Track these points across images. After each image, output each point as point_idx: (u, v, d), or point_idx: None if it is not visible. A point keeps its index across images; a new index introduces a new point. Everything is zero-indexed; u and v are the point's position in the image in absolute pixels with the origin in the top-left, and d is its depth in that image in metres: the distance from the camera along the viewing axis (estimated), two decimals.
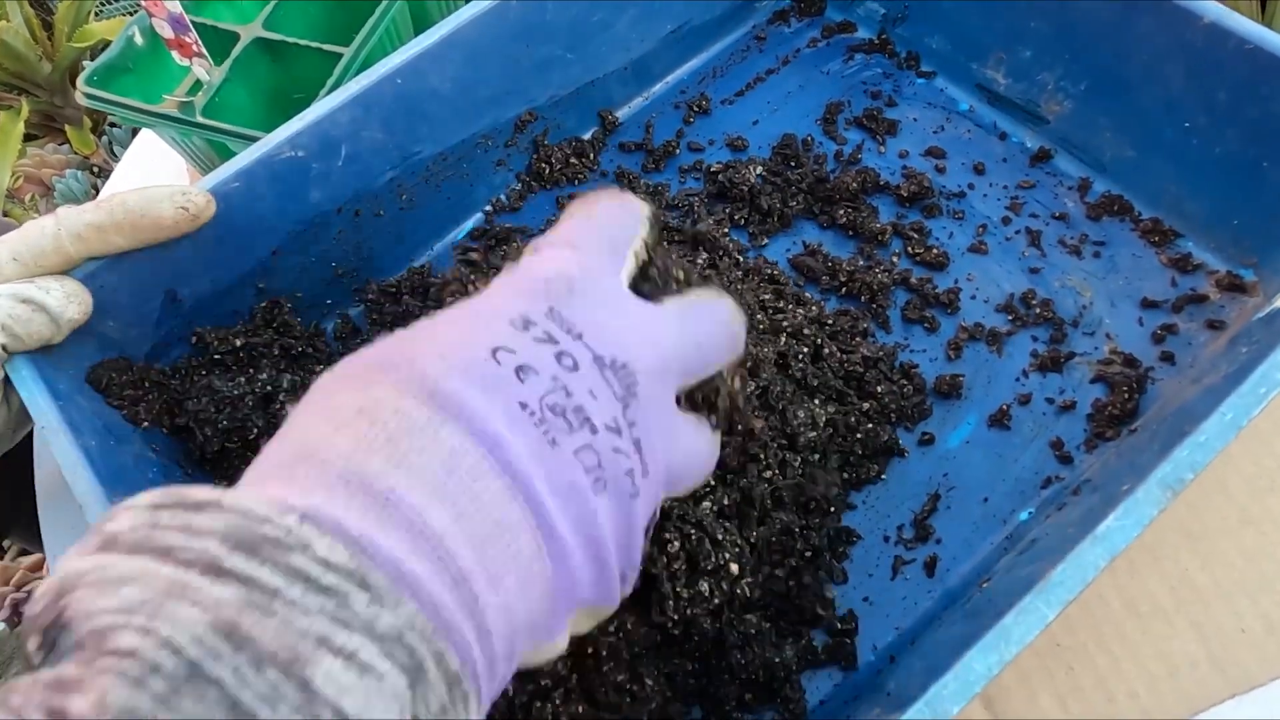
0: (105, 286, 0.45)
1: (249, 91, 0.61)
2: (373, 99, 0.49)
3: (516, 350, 0.24)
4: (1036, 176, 0.54)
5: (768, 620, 0.40)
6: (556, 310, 0.25)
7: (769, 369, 0.43)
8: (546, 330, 0.24)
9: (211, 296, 0.49)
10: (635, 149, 0.60)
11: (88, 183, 1.38)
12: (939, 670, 0.29)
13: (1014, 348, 0.49)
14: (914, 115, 0.58)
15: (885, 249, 0.53)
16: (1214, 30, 0.45)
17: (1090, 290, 0.50)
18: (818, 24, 0.64)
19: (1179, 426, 0.35)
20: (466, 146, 0.56)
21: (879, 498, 0.45)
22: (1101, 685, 0.40)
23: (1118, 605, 0.42)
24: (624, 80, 0.61)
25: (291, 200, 0.49)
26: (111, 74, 0.61)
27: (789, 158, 0.57)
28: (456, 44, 0.51)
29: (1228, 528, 0.43)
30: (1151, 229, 0.51)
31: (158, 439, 0.46)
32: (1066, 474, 0.44)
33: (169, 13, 0.56)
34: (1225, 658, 0.40)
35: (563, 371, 0.24)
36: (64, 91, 1.44)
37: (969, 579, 0.42)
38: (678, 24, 0.61)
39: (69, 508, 0.53)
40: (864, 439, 0.45)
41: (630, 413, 0.24)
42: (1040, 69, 0.54)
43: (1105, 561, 0.30)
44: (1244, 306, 0.47)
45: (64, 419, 0.40)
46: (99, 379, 0.45)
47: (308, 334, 0.51)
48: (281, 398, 0.47)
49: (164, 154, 0.73)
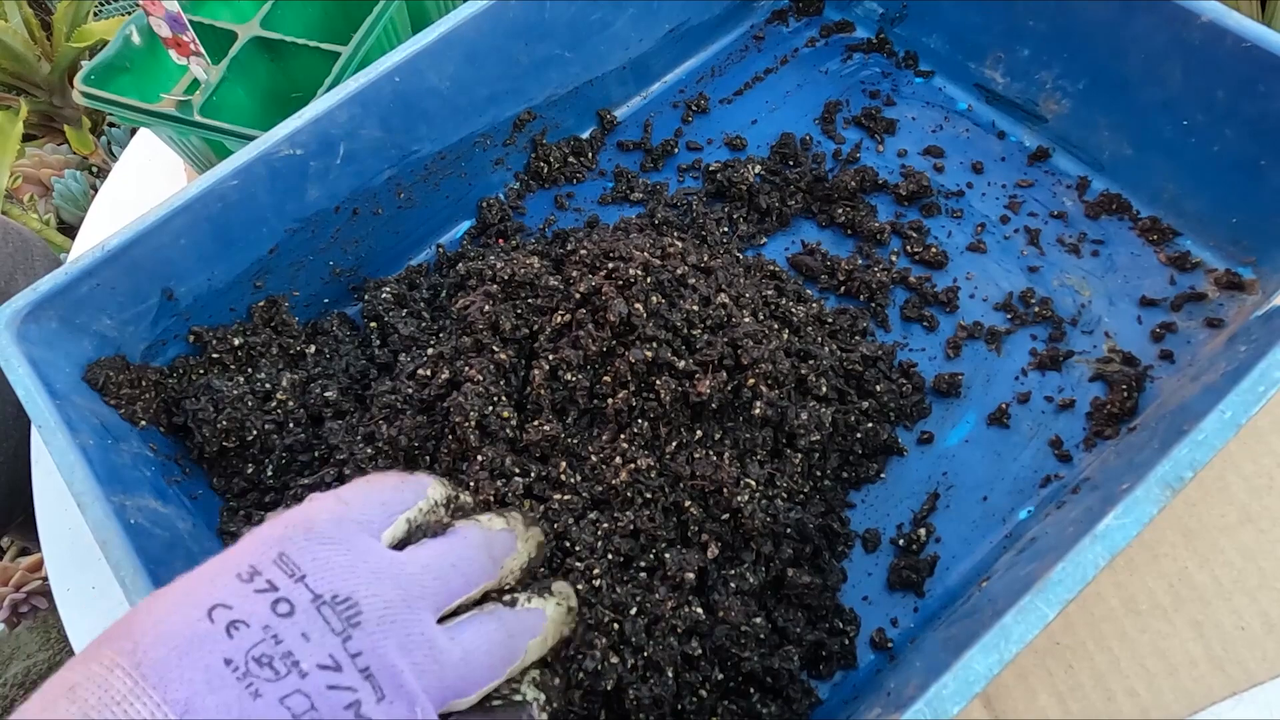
0: (102, 284, 0.45)
1: (247, 90, 0.61)
2: (371, 98, 0.49)
3: (233, 605, 0.25)
4: (1035, 175, 0.54)
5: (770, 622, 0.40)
6: (285, 554, 0.26)
7: (768, 366, 0.43)
8: (269, 578, 0.26)
9: (209, 295, 0.49)
10: (634, 148, 0.60)
11: (86, 183, 1.38)
12: (939, 670, 0.29)
13: (1013, 346, 0.49)
14: (912, 114, 0.58)
15: (884, 248, 0.53)
16: (1212, 29, 0.45)
17: (1089, 289, 0.50)
18: (816, 23, 0.64)
19: (1178, 425, 0.35)
20: (465, 145, 0.55)
21: (878, 497, 0.45)
22: (1101, 683, 0.40)
23: (1117, 603, 0.42)
24: (623, 79, 0.61)
25: (289, 198, 0.49)
26: (109, 73, 0.61)
27: (787, 157, 0.57)
28: (455, 42, 0.51)
29: (1227, 526, 0.43)
30: (1150, 227, 0.51)
31: (155, 438, 0.46)
32: (1066, 472, 0.44)
33: (166, 12, 0.56)
34: (1224, 656, 0.40)
35: (276, 619, 0.25)
36: (63, 91, 1.43)
37: (968, 578, 0.42)
38: (676, 23, 0.61)
39: (67, 507, 0.53)
40: (863, 438, 0.45)
41: (354, 644, 0.25)
42: (1038, 68, 0.54)
43: (1105, 560, 0.30)
44: (1243, 304, 0.47)
45: (61, 418, 0.40)
46: (96, 378, 0.45)
47: (306, 332, 0.51)
48: (280, 396, 0.47)
49: (163, 154, 0.73)
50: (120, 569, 0.36)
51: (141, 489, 0.41)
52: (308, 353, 0.50)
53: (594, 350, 0.43)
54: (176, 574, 0.37)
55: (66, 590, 0.51)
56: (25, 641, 0.89)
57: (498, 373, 0.44)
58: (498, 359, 0.44)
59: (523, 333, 0.45)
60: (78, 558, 0.52)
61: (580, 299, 0.45)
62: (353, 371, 0.49)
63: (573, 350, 0.43)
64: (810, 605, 0.40)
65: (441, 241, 0.57)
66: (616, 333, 0.43)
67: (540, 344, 0.45)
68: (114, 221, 0.69)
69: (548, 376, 0.43)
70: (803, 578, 0.40)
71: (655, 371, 0.43)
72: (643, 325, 0.43)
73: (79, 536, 0.53)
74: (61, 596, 0.51)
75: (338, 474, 0.44)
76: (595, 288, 0.44)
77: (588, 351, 0.43)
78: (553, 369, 0.43)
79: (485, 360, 0.44)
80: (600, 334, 0.43)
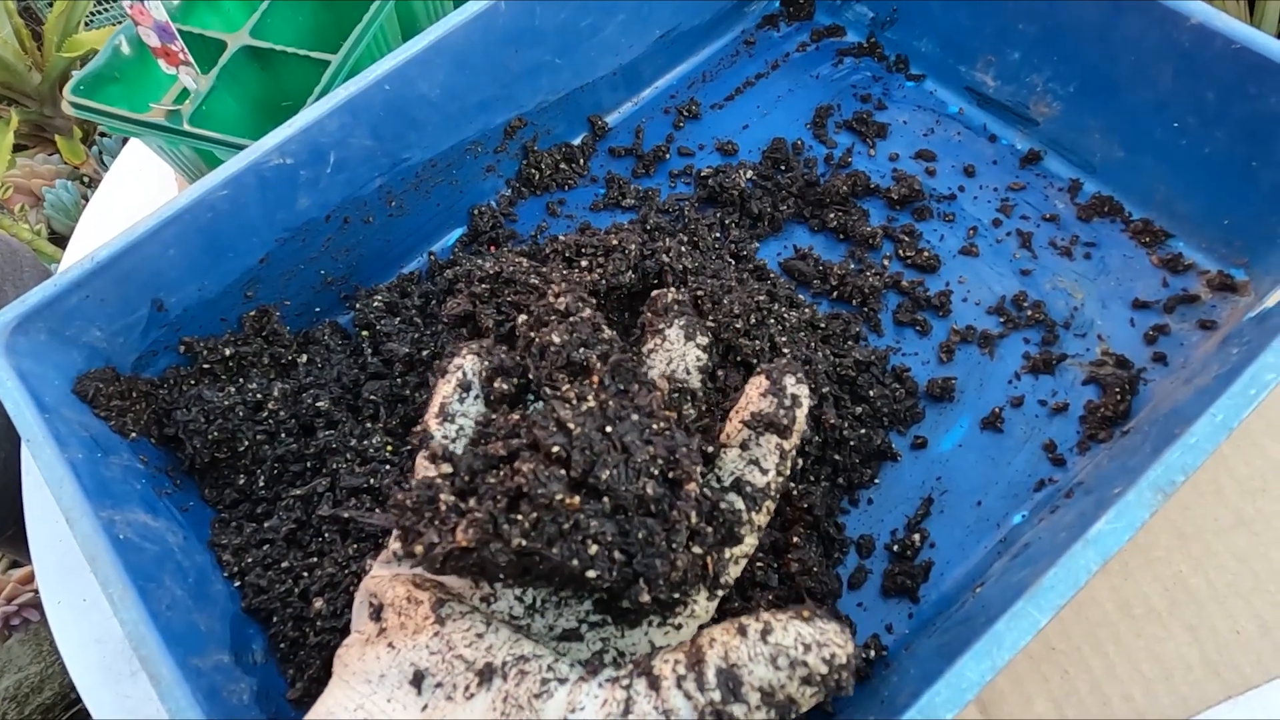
0: (92, 296, 0.44)
1: (237, 99, 0.61)
2: (361, 106, 0.49)
3: None
4: (1026, 178, 0.54)
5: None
6: None
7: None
8: None
9: (199, 305, 0.49)
10: (625, 154, 0.60)
11: (78, 193, 1.38)
12: (932, 677, 0.29)
13: (1006, 350, 0.49)
14: (904, 118, 0.58)
15: (876, 252, 0.53)
16: (1202, 31, 0.45)
17: (1081, 291, 0.50)
18: (806, 28, 0.64)
19: (1170, 428, 0.35)
20: (456, 153, 0.55)
21: (872, 502, 0.45)
22: (1097, 689, 0.40)
23: (1111, 608, 0.41)
24: (613, 85, 0.61)
25: (280, 208, 0.49)
26: (98, 83, 0.61)
27: (779, 161, 0.57)
28: (445, 50, 0.51)
29: (1220, 529, 0.43)
30: (1142, 229, 0.51)
31: (146, 450, 0.46)
32: (1059, 476, 0.44)
33: (155, 21, 0.56)
34: (1220, 660, 0.40)
35: None
36: (54, 101, 1.43)
37: (963, 583, 0.42)
38: (667, 29, 0.61)
39: (57, 520, 0.53)
40: (857, 443, 0.45)
41: None
42: (1029, 71, 0.54)
43: (1097, 565, 0.30)
44: (1235, 306, 0.47)
45: (50, 432, 0.40)
46: (86, 390, 0.44)
47: (297, 342, 0.51)
48: (272, 406, 0.47)
49: (153, 164, 0.72)
50: (108, 585, 0.36)
51: (131, 502, 0.41)
52: (299, 362, 0.50)
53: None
54: (165, 589, 0.37)
55: (58, 603, 0.51)
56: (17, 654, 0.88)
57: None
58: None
59: (505, 328, 0.45)
60: (68, 571, 0.52)
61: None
62: (345, 381, 0.49)
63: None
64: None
65: (433, 249, 0.57)
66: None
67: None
68: (105, 232, 0.69)
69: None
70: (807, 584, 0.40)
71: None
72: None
73: (69, 549, 0.53)
74: (52, 610, 0.51)
75: (330, 484, 0.44)
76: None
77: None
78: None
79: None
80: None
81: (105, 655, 0.49)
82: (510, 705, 0.27)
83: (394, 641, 0.30)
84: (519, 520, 0.27)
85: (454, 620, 0.30)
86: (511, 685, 0.28)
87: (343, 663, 0.30)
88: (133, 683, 0.48)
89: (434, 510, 0.29)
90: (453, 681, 0.28)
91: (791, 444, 0.33)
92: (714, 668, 0.26)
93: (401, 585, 0.31)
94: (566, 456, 0.29)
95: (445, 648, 0.29)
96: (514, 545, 0.27)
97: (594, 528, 0.28)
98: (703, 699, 0.26)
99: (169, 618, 0.36)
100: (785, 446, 0.33)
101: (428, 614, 0.30)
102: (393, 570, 0.33)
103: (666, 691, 0.26)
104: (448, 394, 0.35)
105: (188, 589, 0.39)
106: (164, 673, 0.33)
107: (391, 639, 0.30)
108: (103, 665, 0.48)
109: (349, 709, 0.28)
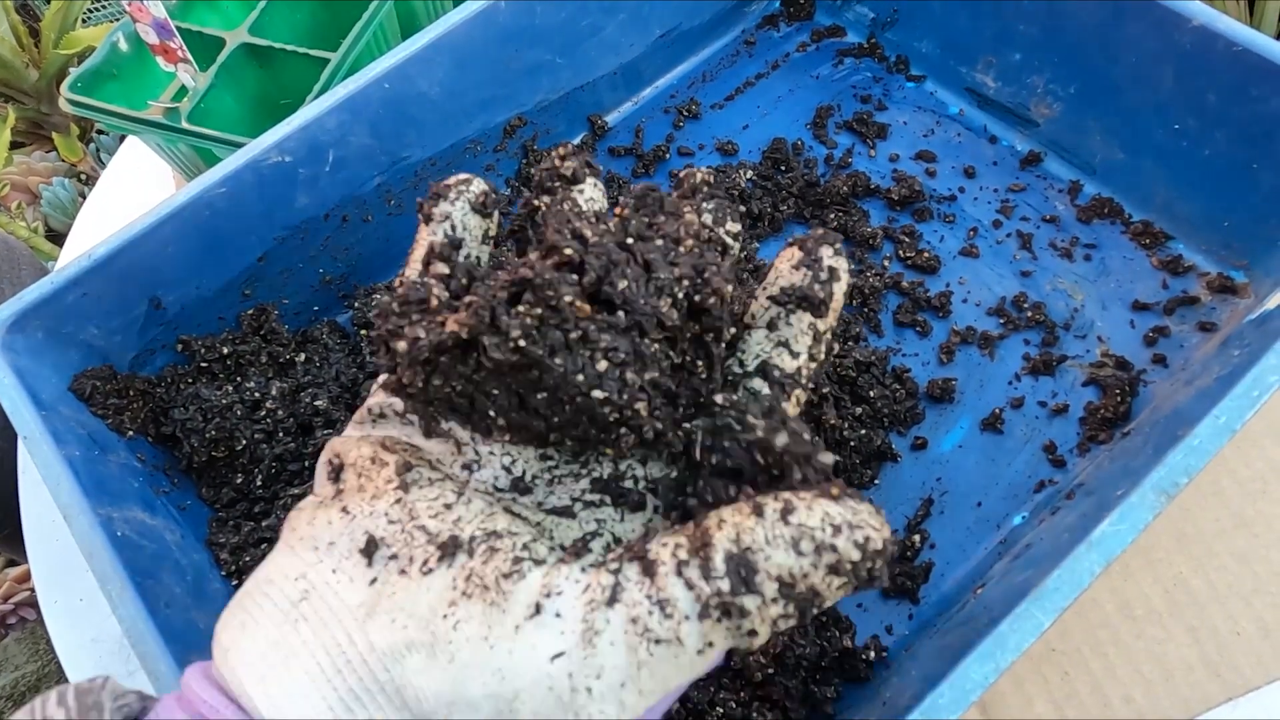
0: (89, 293, 0.44)
1: (235, 97, 0.61)
2: (360, 104, 0.49)
3: None
4: (1027, 179, 0.54)
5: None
6: None
7: None
8: None
9: (197, 303, 0.49)
10: (625, 153, 0.60)
11: (75, 190, 1.37)
12: (934, 678, 0.29)
13: (1006, 351, 0.49)
14: (904, 119, 0.58)
15: (876, 253, 0.53)
16: (1203, 33, 0.45)
17: (1081, 293, 0.50)
18: (807, 28, 0.64)
19: (1172, 430, 0.35)
20: (455, 151, 0.55)
21: (872, 503, 0.45)
22: (1097, 690, 0.40)
23: (1112, 609, 0.41)
24: (614, 85, 0.61)
25: (278, 206, 0.49)
26: (96, 80, 0.61)
27: (779, 162, 0.57)
28: (444, 48, 0.51)
29: (1221, 531, 0.43)
30: (1142, 231, 0.51)
31: (143, 448, 0.45)
32: (1060, 478, 0.44)
33: (153, 18, 0.56)
34: (1220, 661, 0.40)
35: None
36: (51, 99, 1.43)
37: (963, 584, 0.41)
38: (667, 29, 0.61)
39: (54, 519, 0.53)
40: (857, 444, 0.45)
41: None
42: (1030, 72, 0.54)
43: (1100, 567, 0.30)
44: (1235, 308, 0.47)
45: (47, 429, 0.39)
46: (83, 388, 0.44)
47: (296, 341, 0.51)
48: (270, 405, 0.47)
49: (151, 161, 0.72)
50: (106, 582, 0.35)
51: (129, 500, 0.40)
52: (297, 361, 0.50)
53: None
54: (163, 586, 0.37)
55: (54, 603, 0.51)
56: (14, 653, 0.88)
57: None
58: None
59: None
60: (65, 570, 0.52)
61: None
62: (343, 380, 0.49)
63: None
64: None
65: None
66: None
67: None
68: (102, 230, 0.69)
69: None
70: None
71: None
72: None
73: (66, 549, 0.52)
74: (49, 609, 0.51)
75: None
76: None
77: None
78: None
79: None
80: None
81: (102, 655, 0.48)
82: (473, 584, 0.23)
83: (349, 505, 0.26)
84: (521, 315, 0.23)
85: (420, 487, 0.26)
86: (478, 563, 0.23)
87: (290, 526, 0.26)
88: (130, 683, 0.48)
89: (424, 309, 0.25)
90: (409, 554, 0.24)
91: (828, 324, 0.28)
92: (723, 551, 0.22)
93: (369, 445, 0.27)
94: (581, 263, 0.24)
95: (406, 516, 0.25)
96: (513, 340, 0.23)
97: (605, 341, 0.24)
98: (708, 589, 0.21)
99: (167, 615, 0.35)
100: (820, 327, 0.28)
101: (391, 477, 0.26)
102: (364, 431, 0.29)
103: (663, 579, 0.22)
104: (438, 243, 0.29)
105: (186, 587, 0.39)
106: (162, 670, 0.33)
107: (347, 503, 0.26)
108: (99, 665, 0.48)
109: (290, 576, 0.24)
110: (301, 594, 0.24)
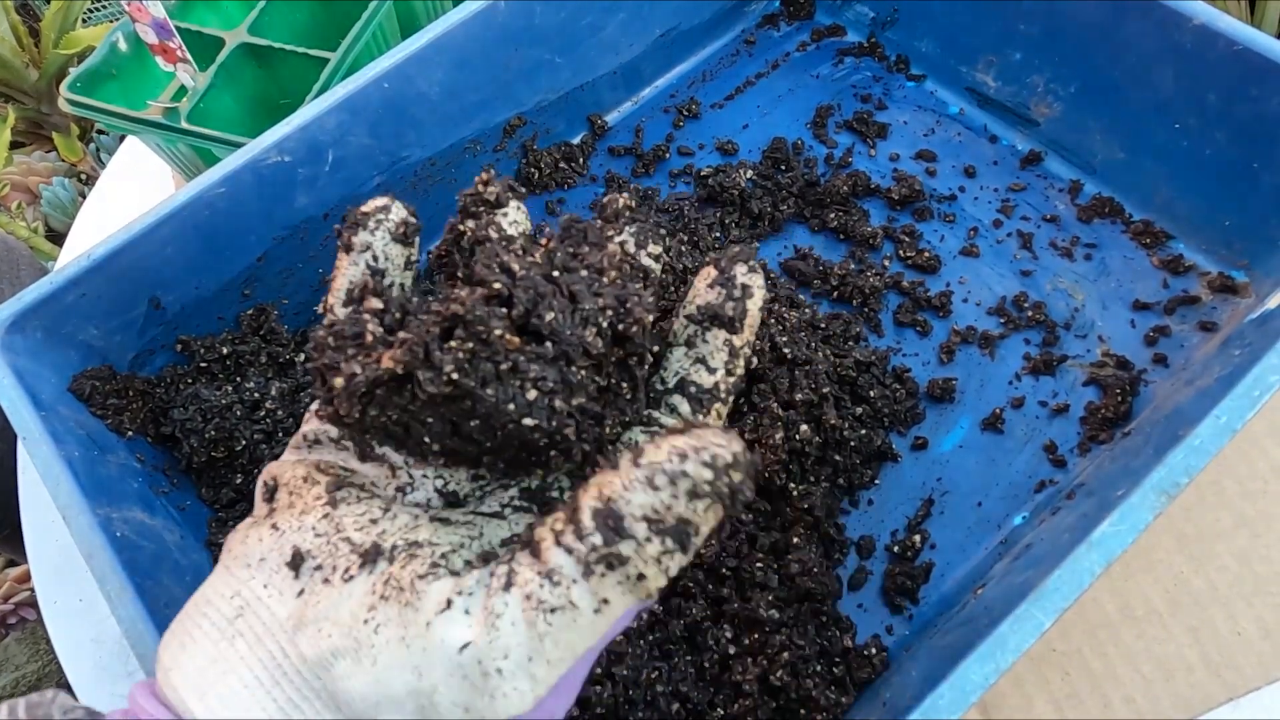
0: (88, 294, 0.44)
1: (234, 97, 0.61)
2: (360, 104, 0.49)
3: None
4: (1027, 179, 0.54)
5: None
6: None
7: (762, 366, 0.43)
8: None
9: (196, 303, 0.49)
10: (625, 153, 0.60)
11: (75, 190, 1.37)
12: (935, 679, 0.29)
13: (1006, 351, 0.48)
14: (904, 118, 0.58)
15: (877, 252, 0.53)
16: (1203, 32, 0.45)
17: (1082, 292, 0.50)
18: (807, 28, 0.64)
19: (1173, 430, 0.35)
20: (454, 151, 0.55)
21: (872, 503, 0.45)
22: (1097, 690, 0.40)
23: (1112, 609, 0.41)
24: (613, 84, 0.61)
25: (278, 206, 0.49)
26: (95, 80, 0.61)
27: (779, 161, 0.57)
28: (444, 48, 0.51)
29: (1222, 531, 0.43)
30: (1143, 231, 0.51)
31: (143, 448, 0.45)
32: (1060, 478, 0.44)
33: (153, 18, 0.56)
34: (1221, 661, 0.40)
35: None
36: (51, 98, 1.43)
37: (964, 585, 0.41)
38: (667, 28, 0.61)
39: (54, 519, 0.53)
40: (857, 444, 0.45)
41: None
42: (1030, 71, 0.54)
43: (1101, 568, 0.30)
44: (1236, 308, 0.47)
45: (46, 429, 0.39)
46: (82, 388, 0.44)
47: (295, 341, 0.51)
48: (269, 405, 0.47)
49: (151, 161, 0.72)
50: (106, 582, 0.35)
51: (128, 501, 0.40)
52: (297, 361, 0.50)
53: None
54: (163, 587, 0.37)
55: (54, 603, 0.51)
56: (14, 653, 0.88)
57: None
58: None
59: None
60: (65, 571, 0.52)
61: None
62: None
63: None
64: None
65: (431, 248, 0.56)
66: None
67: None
68: (102, 230, 0.69)
69: None
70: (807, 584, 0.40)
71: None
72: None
73: (66, 549, 0.52)
74: (49, 609, 0.51)
75: None
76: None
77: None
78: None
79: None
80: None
81: (102, 655, 0.48)
82: (390, 587, 0.24)
83: (279, 523, 0.27)
84: (453, 349, 0.24)
85: (348, 504, 0.27)
86: (396, 567, 0.24)
87: (227, 548, 0.27)
88: (129, 683, 0.48)
89: (359, 345, 0.25)
90: (333, 563, 0.25)
91: (743, 340, 0.30)
92: (589, 510, 0.23)
93: (303, 467, 0.28)
94: (509, 296, 0.25)
95: (333, 529, 0.26)
96: (446, 374, 0.24)
97: (534, 371, 0.25)
98: (583, 547, 0.22)
99: (166, 616, 0.35)
100: (736, 343, 0.29)
101: (321, 494, 0.27)
102: (300, 455, 0.30)
103: (546, 552, 0.23)
104: (354, 278, 0.30)
105: (185, 588, 0.39)
106: None
107: (277, 520, 0.27)
108: (99, 665, 0.48)
109: (225, 595, 0.25)
110: (236, 611, 0.25)
